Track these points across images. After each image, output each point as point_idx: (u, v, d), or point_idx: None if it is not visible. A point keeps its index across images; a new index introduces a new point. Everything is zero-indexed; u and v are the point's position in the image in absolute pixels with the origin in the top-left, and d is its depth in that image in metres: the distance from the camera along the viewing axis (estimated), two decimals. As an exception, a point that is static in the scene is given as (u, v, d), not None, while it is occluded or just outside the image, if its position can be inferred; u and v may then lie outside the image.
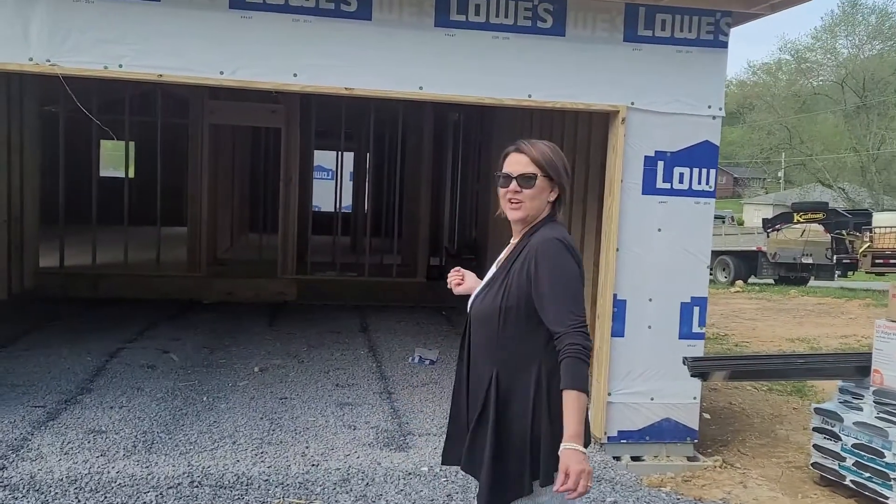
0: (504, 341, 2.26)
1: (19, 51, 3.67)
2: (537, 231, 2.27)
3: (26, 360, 5.85)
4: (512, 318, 2.24)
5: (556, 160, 2.31)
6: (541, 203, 2.30)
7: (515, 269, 2.26)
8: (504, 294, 2.25)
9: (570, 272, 2.19)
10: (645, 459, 4.72)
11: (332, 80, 4.00)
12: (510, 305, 2.24)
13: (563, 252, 2.20)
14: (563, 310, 2.15)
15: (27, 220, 8.35)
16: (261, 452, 4.27)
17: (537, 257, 2.20)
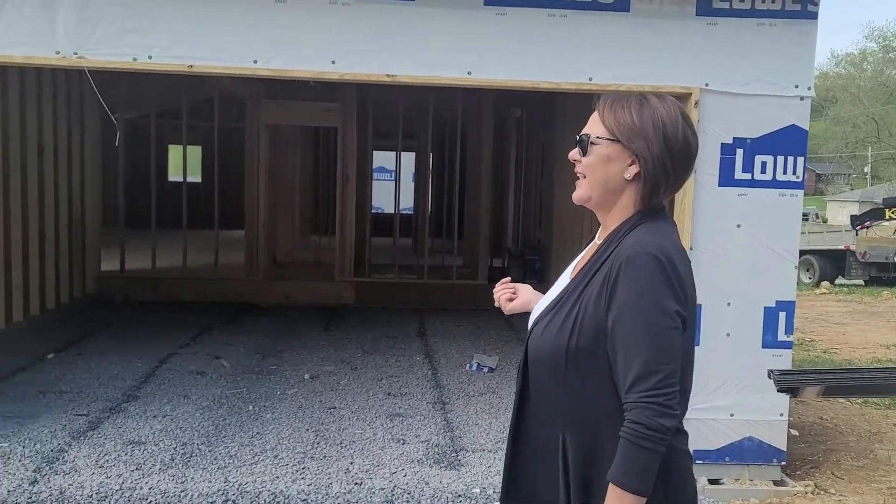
0: (575, 393, 1.59)
1: (46, 44, 3.51)
2: (631, 233, 1.59)
3: (78, 366, 5.77)
4: (585, 361, 1.57)
5: (642, 120, 1.59)
6: (606, 178, 1.62)
7: (592, 291, 1.57)
8: (574, 327, 1.57)
9: (659, 309, 1.49)
10: (724, 483, 4.22)
11: (373, 66, 3.69)
12: (582, 346, 1.56)
13: (656, 275, 1.50)
14: (635, 367, 1.48)
15: (88, 225, 8.39)
16: (302, 468, 3.99)
17: (618, 279, 1.52)
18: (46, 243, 7.35)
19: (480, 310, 8.65)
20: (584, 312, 1.57)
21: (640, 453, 1.48)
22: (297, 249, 11.85)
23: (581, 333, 1.57)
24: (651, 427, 1.47)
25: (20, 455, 3.99)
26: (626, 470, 1.48)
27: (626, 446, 1.49)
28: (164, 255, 9.29)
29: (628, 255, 1.54)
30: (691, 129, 1.65)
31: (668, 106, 1.63)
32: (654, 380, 1.47)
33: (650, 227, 1.60)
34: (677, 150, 1.61)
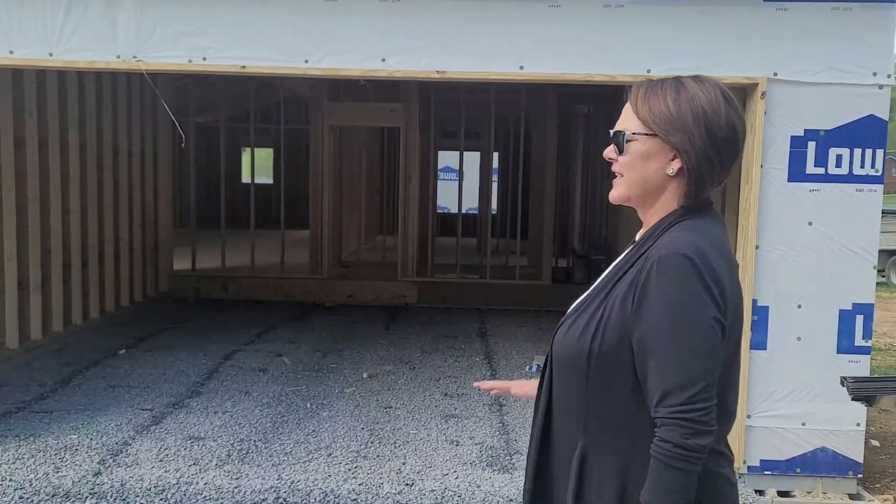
0: (594, 404, 1.47)
1: (107, 48, 3.61)
2: (668, 231, 1.46)
3: (147, 361, 5.96)
4: (608, 368, 1.44)
5: (680, 109, 1.45)
6: (646, 176, 1.49)
7: (620, 292, 1.45)
8: (598, 329, 1.45)
9: (695, 316, 1.36)
10: (795, 495, 3.99)
11: (423, 63, 3.65)
12: (606, 350, 1.43)
13: (691, 278, 1.36)
14: (666, 379, 1.35)
15: (161, 225, 8.68)
16: (355, 467, 3.99)
17: (648, 280, 1.40)
18: (121, 244, 7.63)
19: (543, 310, 8.53)
20: (609, 314, 1.45)
21: (672, 474, 1.35)
22: (363, 249, 11.96)
23: (605, 337, 1.45)
24: (683, 446, 1.34)
25: (87, 447, 4.13)
26: (660, 492, 1.35)
27: (657, 467, 1.36)
28: (234, 255, 9.54)
29: (660, 255, 1.40)
30: (736, 111, 1.50)
31: (707, 89, 1.48)
32: (687, 394, 1.34)
33: (690, 224, 1.46)
34: (721, 139, 1.46)
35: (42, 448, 4.08)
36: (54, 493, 3.57)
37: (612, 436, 1.46)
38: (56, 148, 6.32)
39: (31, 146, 5.96)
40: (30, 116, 5.91)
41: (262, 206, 10.00)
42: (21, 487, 3.61)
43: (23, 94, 5.82)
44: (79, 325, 6.74)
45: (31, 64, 3.64)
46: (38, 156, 6.04)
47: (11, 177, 5.70)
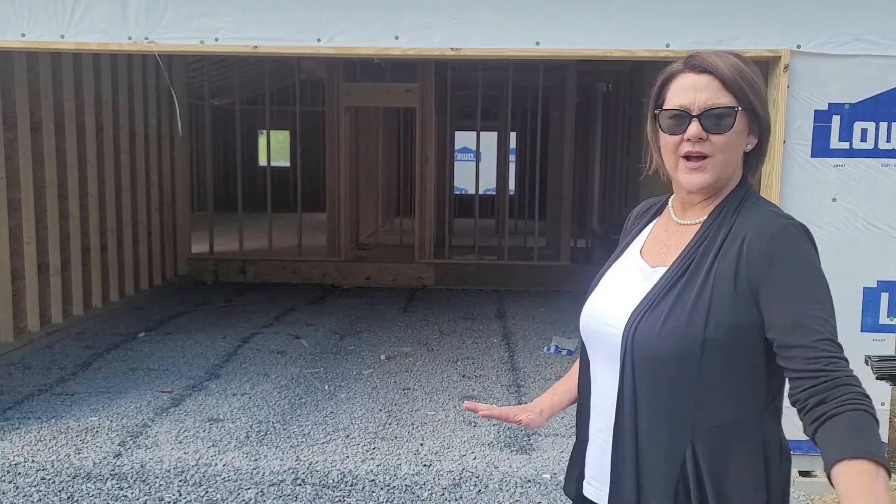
0: (706, 397, 1.35)
1: (119, 30, 3.58)
2: (742, 206, 1.40)
3: (166, 345, 6.00)
4: (720, 357, 1.34)
5: (758, 80, 1.40)
6: (737, 156, 1.41)
7: (721, 275, 1.35)
8: (710, 316, 1.33)
9: (821, 274, 1.34)
10: (817, 475, 3.93)
11: (437, 41, 3.58)
12: (720, 336, 1.33)
13: (812, 251, 1.35)
14: (830, 342, 1.27)
15: (179, 209, 8.71)
16: (373, 448, 3.98)
17: (767, 256, 1.32)
18: (140, 227, 7.67)
19: (563, 291, 8.48)
20: (717, 297, 1.34)
21: (874, 425, 1.24)
22: (380, 231, 11.94)
23: (720, 322, 1.33)
24: (868, 397, 1.26)
25: (108, 429, 4.16)
26: (872, 440, 1.21)
27: (863, 417, 1.22)
28: (252, 238, 9.57)
29: (770, 230, 1.34)
30: None
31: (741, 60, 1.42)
32: (841, 353, 1.29)
33: (760, 201, 1.43)
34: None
35: (63, 430, 4.12)
36: (75, 474, 3.60)
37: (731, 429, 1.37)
38: (73, 131, 6.34)
39: (48, 130, 5.98)
40: (45, 100, 5.92)
41: (280, 188, 10.02)
42: (43, 468, 3.64)
43: (38, 77, 5.83)
44: (99, 309, 6.79)
45: (42, 47, 3.62)
46: (54, 140, 6.06)
47: (28, 161, 5.72)
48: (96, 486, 3.49)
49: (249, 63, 9.98)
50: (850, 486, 1.18)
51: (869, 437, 1.21)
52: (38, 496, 3.40)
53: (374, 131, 11.43)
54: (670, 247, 1.47)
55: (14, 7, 3.57)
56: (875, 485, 1.16)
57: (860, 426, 1.22)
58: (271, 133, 9.93)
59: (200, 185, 13.12)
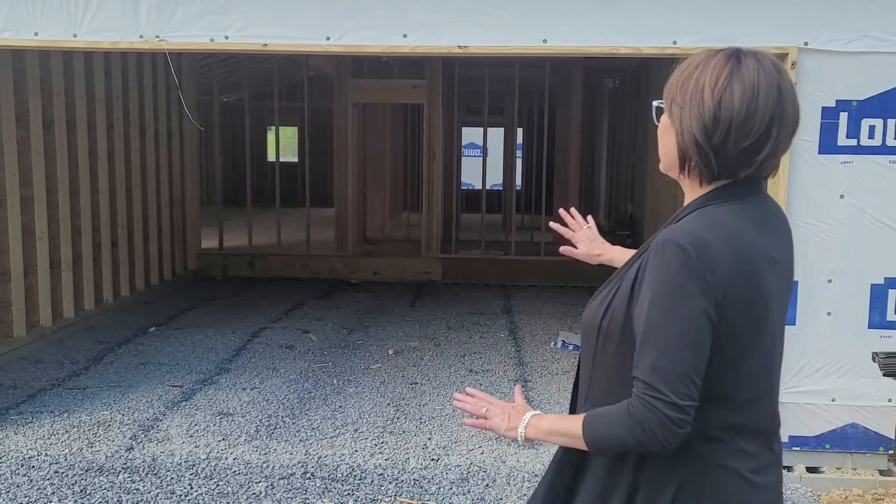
0: (599, 372, 1.51)
1: (130, 29, 3.62)
2: (682, 218, 1.44)
3: (176, 339, 6.05)
4: (613, 343, 1.47)
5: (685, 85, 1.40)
6: (666, 150, 1.47)
7: (628, 275, 1.46)
8: (609, 308, 1.48)
9: (683, 307, 1.33)
10: (824, 471, 3.96)
11: (444, 38, 3.61)
12: (610, 326, 1.46)
13: (681, 267, 1.33)
14: (648, 364, 1.34)
15: (188, 204, 8.77)
16: (381, 443, 4.03)
17: (647, 265, 1.39)
18: (150, 223, 7.73)
19: (569, 287, 8.51)
20: (618, 294, 1.47)
21: (620, 432, 1.37)
22: (388, 226, 11.98)
23: (613, 316, 1.46)
24: (648, 434, 1.33)
25: (119, 422, 4.22)
26: (603, 424, 1.41)
27: (615, 418, 1.38)
28: (261, 233, 9.62)
29: (659, 241, 1.38)
30: (747, 90, 1.36)
31: (717, 64, 1.39)
32: (661, 382, 1.32)
33: (707, 211, 1.40)
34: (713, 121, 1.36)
35: (76, 424, 4.18)
36: (88, 467, 3.66)
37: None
38: (84, 128, 6.39)
39: (60, 127, 6.04)
40: (57, 97, 5.98)
41: (288, 184, 10.05)
42: (56, 462, 3.70)
43: (50, 75, 5.89)
44: (110, 304, 6.86)
45: (55, 45, 3.66)
46: (66, 136, 6.12)
47: (41, 158, 5.78)
48: (109, 480, 3.54)
49: (258, 60, 10.02)
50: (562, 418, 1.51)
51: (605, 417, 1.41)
52: (52, 489, 3.45)
53: (381, 127, 11.46)
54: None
55: (27, 6, 3.61)
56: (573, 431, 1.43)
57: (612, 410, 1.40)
58: (280, 129, 9.97)
59: (210, 180, 13.19)
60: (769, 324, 1.42)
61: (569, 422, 1.46)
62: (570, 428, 1.44)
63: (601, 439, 1.40)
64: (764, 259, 1.39)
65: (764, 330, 1.41)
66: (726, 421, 1.41)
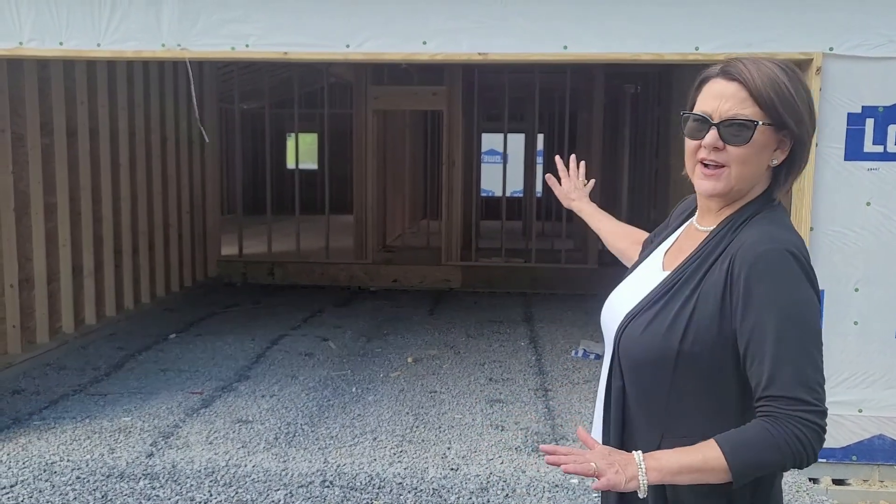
0: (676, 406, 1.39)
1: (152, 38, 3.65)
2: (748, 222, 1.38)
3: (196, 346, 6.08)
4: (695, 369, 1.36)
5: (795, 93, 1.35)
6: (757, 170, 1.39)
7: (707, 289, 1.36)
8: (689, 329, 1.36)
9: (809, 313, 1.30)
10: (851, 484, 3.88)
11: (465, 45, 3.60)
12: (697, 351, 1.35)
13: (799, 275, 1.30)
14: (789, 376, 1.26)
15: (209, 212, 8.82)
16: (400, 451, 4.00)
17: (751, 279, 1.31)
18: (170, 230, 7.79)
19: (590, 295, 8.43)
20: (699, 313, 1.35)
21: (771, 457, 1.27)
22: (407, 234, 11.98)
23: (697, 337, 1.35)
24: (807, 449, 1.27)
25: (140, 429, 4.24)
26: (750, 450, 1.27)
27: (767, 439, 1.26)
28: (280, 240, 9.66)
29: (759, 252, 1.31)
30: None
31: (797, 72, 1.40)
32: (814, 395, 1.27)
33: (772, 217, 1.39)
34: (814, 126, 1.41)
35: (97, 429, 4.20)
36: (109, 473, 3.67)
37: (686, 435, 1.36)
38: (106, 136, 6.46)
39: (83, 135, 6.10)
40: (81, 105, 6.05)
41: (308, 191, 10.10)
42: (78, 468, 3.72)
43: (74, 84, 5.96)
44: (131, 311, 6.91)
45: (79, 55, 3.70)
46: (89, 144, 6.19)
47: (64, 165, 5.84)
48: (129, 486, 3.55)
49: (278, 67, 10.08)
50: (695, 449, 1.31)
51: (749, 445, 1.27)
52: (74, 495, 3.47)
53: (401, 134, 11.48)
54: (683, 251, 1.48)
55: (53, 17, 3.65)
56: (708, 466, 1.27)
57: (755, 435, 1.27)
58: (300, 136, 10.02)
59: (230, 187, 13.29)
60: None
61: (697, 454, 1.30)
62: (705, 462, 1.28)
63: (751, 466, 1.28)
64: None
65: None
66: None
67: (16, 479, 3.61)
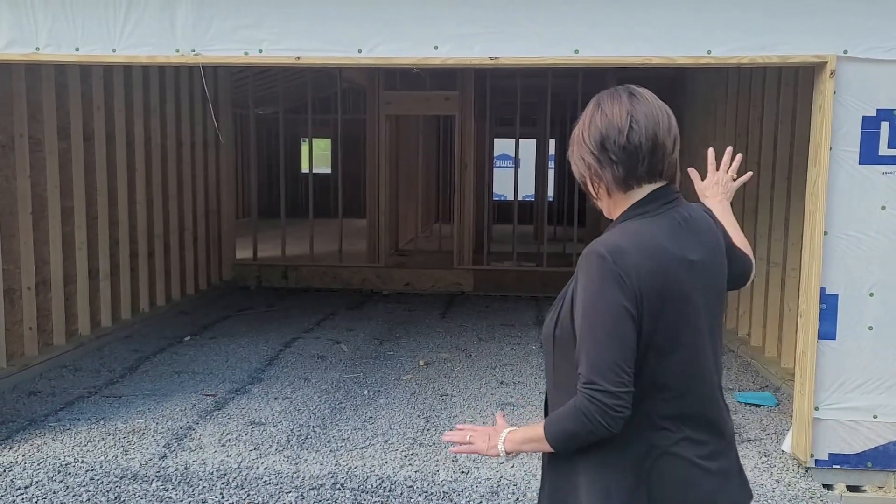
0: (559, 378, 1.66)
1: (166, 43, 3.69)
2: (607, 229, 1.68)
3: (210, 349, 6.12)
4: (566, 350, 1.62)
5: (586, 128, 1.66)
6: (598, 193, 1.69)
7: (570, 286, 1.64)
8: (557, 318, 1.65)
9: (603, 305, 1.51)
10: (866, 490, 3.84)
11: (476, 50, 3.61)
12: (562, 336, 1.62)
13: (601, 272, 1.51)
14: (584, 360, 1.52)
15: (224, 215, 8.88)
16: (411, 454, 4.01)
17: (577, 275, 1.60)
18: (186, 234, 7.85)
19: (602, 298, 8.41)
20: (563, 306, 1.64)
21: (572, 425, 1.54)
22: (420, 237, 12.00)
23: (562, 326, 1.63)
24: (593, 421, 1.51)
25: (154, 430, 4.27)
26: (558, 422, 1.57)
27: (568, 416, 1.55)
28: (294, 244, 9.71)
29: (583, 254, 1.59)
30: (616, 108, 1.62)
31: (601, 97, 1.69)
32: (597, 376, 1.50)
33: (624, 225, 1.61)
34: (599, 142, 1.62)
35: (112, 431, 4.24)
36: (122, 474, 3.71)
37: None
38: (122, 141, 6.52)
39: (99, 139, 6.17)
40: (97, 110, 6.12)
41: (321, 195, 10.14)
42: (92, 469, 3.76)
43: (91, 89, 6.03)
44: (146, 313, 6.97)
45: (95, 60, 3.75)
46: (105, 148, 6.25)
47: (81, 169, 5.91)
48: (142, 487, 3.58)
49: (292, 73, 10.15)
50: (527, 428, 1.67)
51: (555, 418, 1.59)
52: (87, 496, 3.50)
53: (414, 138, 11.51)
54: None
55: (69, 23, 3.70)
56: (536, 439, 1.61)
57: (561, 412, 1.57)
58: (313, 141, 10.07)
59: (245, 192, 13.37)
60: (694, 319, 1.58)
61: (535, 429, 1.63)
62: (536, 434, 1.61)
63: (559, 436, 1.57)
64: (678, 261, 1.56)
65: (689, 324, 1.57)
66: (668, 410, 1.58)
67: (30, 481, 3.65)
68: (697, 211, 1.69)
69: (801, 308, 3.87)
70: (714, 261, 1.64)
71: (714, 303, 1.63)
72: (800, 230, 4.81)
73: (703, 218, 1.69)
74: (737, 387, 5.31)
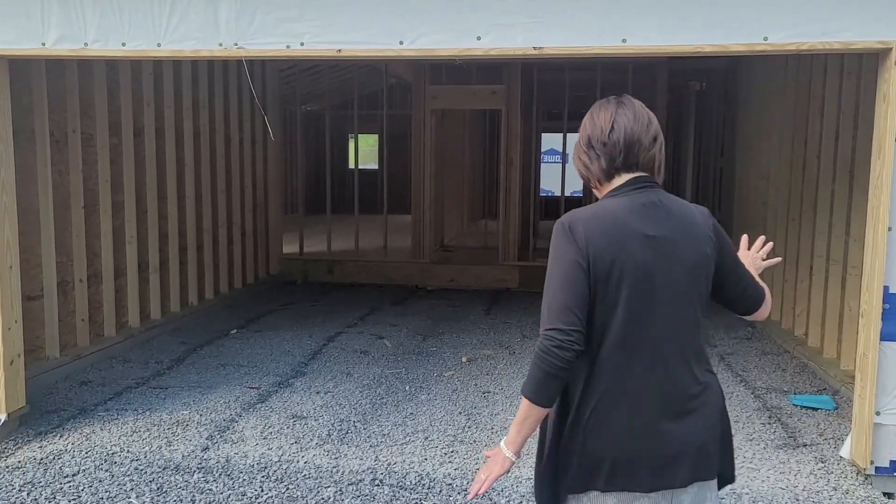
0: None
1: (210, 37, 3.70)
2: None
3: (255, 342, 6.18)
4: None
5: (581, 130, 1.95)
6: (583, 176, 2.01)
7: None
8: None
9: (559, 260, 1.79)
10: (925, 499, 3.64)
11: (519, 40, 3.52)
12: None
13: (559, 236, 1.82)
14: (543, 308, 1.81)
15: (271, 210, 8.97)
16: (451, 451, 3.96)
17: None
18: (234, 228, 7.94)
19: (651, 296, 8.22)
20: None
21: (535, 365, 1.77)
22: (465, 233, 11.94)
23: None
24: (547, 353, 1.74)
25: (197, 422, 4.31)
26: (527, 381, 1.81)
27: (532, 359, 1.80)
28: (339, 239, 9.76)
29: None
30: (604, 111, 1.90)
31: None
32: (551, 319, 1.75)
33: (595, 203, 1.88)
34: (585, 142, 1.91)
35: (157, 422, 4.30)
36: (165, 465, 3.74)
37: None
38: (171, 136, 6.62)
39: (149, 135, 6.28)
40: (147, 106, 6.22)
41: (367, 191, 10.16)
42: (137, 459, 3.81)
43: (141, 86, 6.13)
44: (195, 306, 7.07)
45: (141, 55, 3.79)
46: (154, 144, 6.36)
47: (131, 164, 6.02)
48: (184, 479, 3.61)
49: (339, 69, 10.19)
50: None
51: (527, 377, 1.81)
52: (131, 486, 3.55)
53: (459, 133, 11.45)
54: None
55: (116, 18, 3.75)
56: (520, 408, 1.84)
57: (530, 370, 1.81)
58: (360, 137, 10.09)
59: (292, 187, 13.51)
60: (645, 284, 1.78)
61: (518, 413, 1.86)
62: (519, 410, 1.84)
63: (529, 386, 1.79)
64: (633, 233, 1.79)
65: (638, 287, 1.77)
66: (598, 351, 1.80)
67: (78, 468, 3.71)
68: (676, 201, 1.90)
69: (863, 308, 3.68)
70: (680, 239, 1.82)
71: (679, 275, 1.80)
72: (862, 226, 4.59)
73: (680, 205, 1.89)
74: (792, 389, 5.10)
